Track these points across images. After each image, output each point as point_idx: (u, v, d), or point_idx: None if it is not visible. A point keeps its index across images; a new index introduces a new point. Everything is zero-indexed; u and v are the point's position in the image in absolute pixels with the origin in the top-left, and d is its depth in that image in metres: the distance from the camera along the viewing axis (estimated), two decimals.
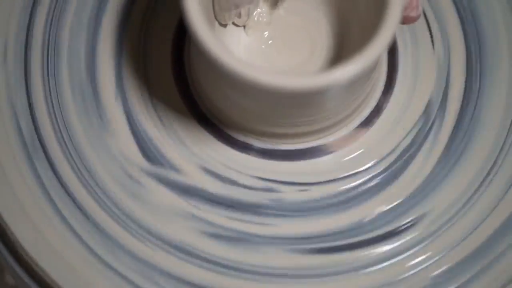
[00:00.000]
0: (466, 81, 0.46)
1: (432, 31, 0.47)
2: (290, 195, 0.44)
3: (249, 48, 0.45)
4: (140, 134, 0.45)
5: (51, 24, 0.47)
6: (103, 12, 0.47)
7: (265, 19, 0.44)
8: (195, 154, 0.44)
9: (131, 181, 0.44)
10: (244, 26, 0.44)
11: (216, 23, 0.43)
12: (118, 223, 0.43)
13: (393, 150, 0.45)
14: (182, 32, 0.46)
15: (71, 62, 0.46)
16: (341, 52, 0.44)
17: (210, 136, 0.45)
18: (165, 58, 0.46)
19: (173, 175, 0.44)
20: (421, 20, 0.47)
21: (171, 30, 0.46)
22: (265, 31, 0.45)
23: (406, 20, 0.41)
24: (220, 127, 0.45)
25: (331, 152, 0.45)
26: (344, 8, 0.44)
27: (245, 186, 0.44)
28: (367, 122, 0.45)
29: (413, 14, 0.41)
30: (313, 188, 0.44)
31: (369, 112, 0.45)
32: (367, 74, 0.41)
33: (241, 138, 0.44)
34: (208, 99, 0.44)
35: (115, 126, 0.45)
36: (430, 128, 0.45)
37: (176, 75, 0.45)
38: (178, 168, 0.44)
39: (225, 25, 0.44)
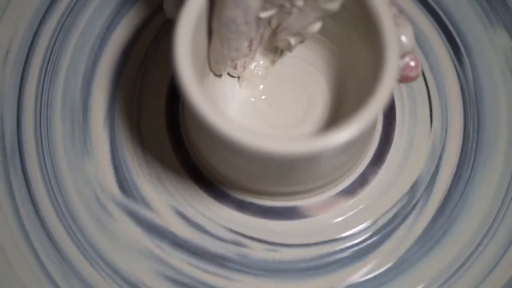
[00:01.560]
0: (457, 168, 0.45)
1: (432, 110, 0.46)
2: (258, 253, 0.43)
3: (242, 101, 0.44)
4: (120, 164, 0.45)
5: (45, 74, 0.47)
6: (99, 58, 0.47)
7: (260, 73, 0.44)
8: (171, 194, 0.44)
9: (102, 210, 0.44)
10: (238, 77, 0.44)
11: (211, 73, 0.43)
12: (79, 249, 0.43)
13: (371, 225, 0.44)
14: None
15: (66, 87, 0.47)
16: (337, 112, 0.44)
17: (189, 180, 0.44)
18: (159, 95, 0.46)
19: (144, 212, 0.44)
20: (423, 96, 0.47)
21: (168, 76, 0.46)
22: (260, 85, 0.44)
23: (404, 79, 0.41)
24: (202, 173, 0.44)
25: (306, 216, 0.44)
26: (342, 66, 0.44)
27: (214, 236, 0.43)
28: (349, 191, 0.44)
29: (412, 74, 0.40)
30: (283, 249, 0.43)
31: (353, 181, 0.45)
32: (359, 140, 0.40)
33: (220, 187, 0.44)
34: (195, 146, 0.43)
35: (97, 152, 0.45)
36: (413, 208, 0.44)
37: (168, 118, 0.45)
38: (151, 206, 0.44)
39: (220, 75, 0.43)
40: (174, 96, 0.45)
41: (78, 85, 0.46)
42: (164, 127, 0.45)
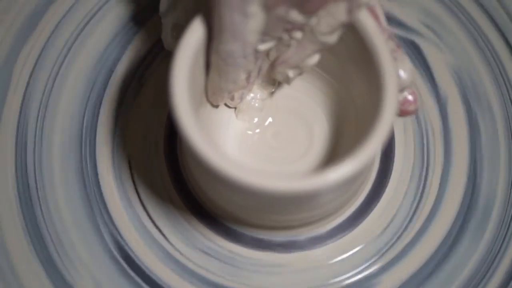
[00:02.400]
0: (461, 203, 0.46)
1: (429, 142, 0.47)
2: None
3: (239, 133, 0.44)
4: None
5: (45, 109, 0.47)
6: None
7: (257, 105, 0.44)
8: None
9: None
10: (235, 108, 0.44)
11: (208, 103, 0.43)
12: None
13: (369, 260, 0.44)
14: None
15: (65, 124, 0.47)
16: (336, 145, 0.44)
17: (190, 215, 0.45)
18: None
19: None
20: (421, 128, 0.47)
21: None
22: (257, 117, 0.44)
23: (403, 113, 0.41)
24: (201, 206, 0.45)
25: (303, 249, 0.44)
26: (340, 98, 0.44)
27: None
28: (346, 225, 0.45)
29: (411, 108, 0.40)
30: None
31: (350, 214, 0.45)
32: (358, 176, 0.40)
33: (213, 210, 0.44)
34: (194, 179, 0.44)
35: None
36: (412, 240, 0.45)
37: (166, 152, 0.46)
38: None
39: (217, 106, 0.43)
40: (174, 129, 0.46)
41: (79, 123, 0.47)
42: (163, 158, 0.45)
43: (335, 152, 0.44)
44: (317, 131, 0.44)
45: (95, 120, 0.46)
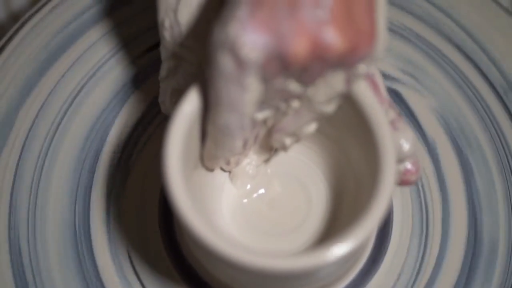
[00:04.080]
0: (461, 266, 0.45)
1: (427, 207, 0.46)
2: None
3: (234, 199, 0.43)
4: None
5: (39, 177, 0.47)
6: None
7: (250, 171, 0.43)
8: None
9: None
10: (229, 172, 0.44)
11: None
12: None
13: None
14: None
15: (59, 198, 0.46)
16: (336, 213, 0.43)
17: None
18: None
19: None
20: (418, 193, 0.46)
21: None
22: (252, 183, 0.44)
23: (404, 183, 0.41)
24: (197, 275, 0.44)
25: None
26: (339, 163, 0.43)
27: None
28: None
29: (412, 178, 0.40)
30: None
31: (349, 282, 0.44)
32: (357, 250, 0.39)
33: (211, 282, 0.43)
34: (191, 251, 0.43)
35: None
36: None
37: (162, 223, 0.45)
38: None
39: (212, 170, 0.43)
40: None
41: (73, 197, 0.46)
42: (158, 230, 0.45)
43: (335, 221, 0.43)
44: (315, 197, 0.44)
45: (87, 197, 0.46)
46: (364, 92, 0.36)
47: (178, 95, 0.40)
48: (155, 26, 0.42)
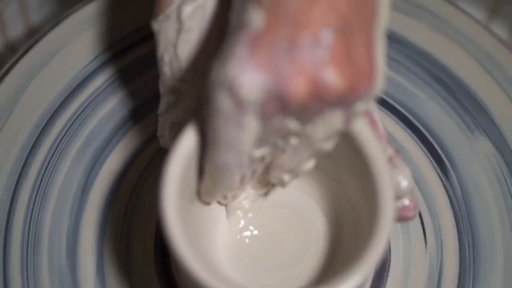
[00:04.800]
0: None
1: (425, 230, 0.47)
2: None
3: (230, 232, 0.43)
4: None
5: (30, 219, 0.47)
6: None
7: (247, 206, 0.43)
8: None
9: None
10: (225, 205, 0.44)
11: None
12: None
13: None
14: None
15: (54, 224, 0.46)
16: (335, 248, 0.43)
17: None
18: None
19: None
20: (418, 232, 0.47)
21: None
22: (249, 217, 0.44)
23: (402, 219, 0.41)
24: None
25: None
26: (337, 198, 0.43)
27: None
28: None
29: (410, 214, 0.40)
30: None
31: None
32: None
33: None
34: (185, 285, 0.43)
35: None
36: None
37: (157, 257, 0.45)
38: None
39: (208, 203, 0.43)
40: None
41: (65, 227, 0.46)
42: (153, 265, 0.45)
43: (333, 257, 0.43)
44: (313, 233, 0.44)
45: (81, 229, 0.46)
46: (362, 129, 0.37)
47: (177, 129, 0.40)
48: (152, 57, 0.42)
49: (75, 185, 0.47)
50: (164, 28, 0.39)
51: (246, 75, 0.31)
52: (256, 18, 0.32)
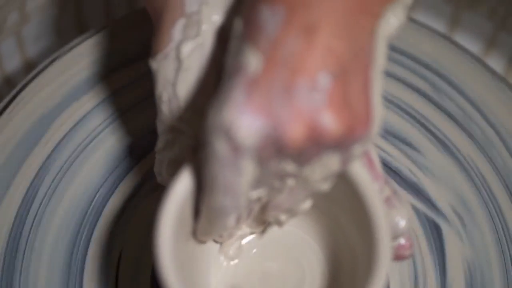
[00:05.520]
0: None
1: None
2: None
3: (223, 269, 0.43)
4: None
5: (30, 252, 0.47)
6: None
7: (243, 243, 0.43)
8: None
9: None
10: (221, 243, 0.44)
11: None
12: None
13: None
14: None
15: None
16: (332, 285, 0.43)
17: None
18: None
19: None
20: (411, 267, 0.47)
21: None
22: (245, 255, 0.44)
23: (398, 258, 0.41)
24: None
25: None
26: (334, 237, 0.43)
27: None
28: None
29: (406, 253, 0.41)
30: None
31: None
32: None
33: None
34: None
35: None
36: None
37: None
38: None
39: (204, 242, 0.43)
40: None
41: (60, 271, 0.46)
42: None
43: None
44: (310, 270, 0.44)
45: (81, 273, 0.46)
46: (358, 170, 0.37)
47: (174, 166, 0.40)
48: (150, 95, 0.42)
49: (72, 224, 0.47)
50: (163, 67, 0.39)
51: (243, 120, 0.31)
52: (253, 61, 0.32)
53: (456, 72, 0.52)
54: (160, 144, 0.41)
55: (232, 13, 0.39)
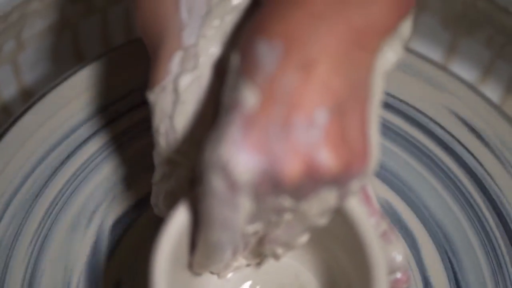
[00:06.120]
0: None
1: None
2: None
3: None
4: None
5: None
6: None
7: (238, 274, 0.43)
8: None
9: None
10: (217, 274, 0.44)
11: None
12: None
13: None
14: None
15: None
16: None
17: None
18: None
19: None
20: None
21: None
22: (238, 285, 0.44)
23: None
24: None
25: None
26: (332, 269, 0.43)
27: None
28: None
29: (403, 287, 0.41)
30: None
31: None
32: None
33: None
34: None
35: None
36: None
37: None
38: None
39: (200, 274, 0.43)
40: None
41: None
42: None
43: None
44: None
45: None
46: (355, 206, 0.37)
47: (171, 198, 0.40)
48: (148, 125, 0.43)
49: (68, 254, 0.47)
50: (160, 100, 0.39)
51: (240, 157, 0.31)
52: (250, 97, 0.32)
53: None
54: (157, 176, 0.41)
55: (230, 45, 0.40)
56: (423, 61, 0.53)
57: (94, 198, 0.48)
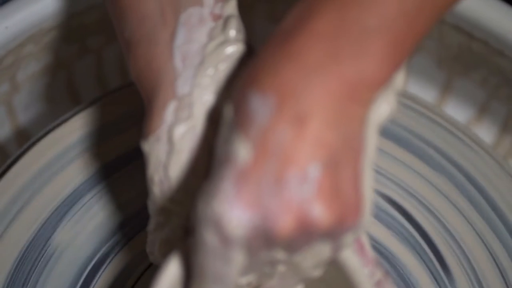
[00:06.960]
0: None
1: None
2: None
3: None
4: None
5: None
6: None
7: None
8: None
9: None
10: None
11: None
12: None
13: None
14: None
15: None
16: None
17: None
18: None
19: None
20: None
21: None
22: None
23: None
24: None
25: None
26: None
27: None
28: None
29: None
30: None
31: None
32: None
33: None
34: None
35: None
36: None
37: None
38: None
39: None
40: None
41: None
42: None
43: None
44: None
45: None
46: (349, 256, 0.37)
47: (167, 246, 0.41)
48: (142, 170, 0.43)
49: None
50: (155, 149, 0.39)
51: (233, 213, 0.31)
52: (243, 152, 0.33)
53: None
54: (152, 225, 0.41)
55: (224, 94, 0.40)
56: None
57: (89, 245, 0.48)
